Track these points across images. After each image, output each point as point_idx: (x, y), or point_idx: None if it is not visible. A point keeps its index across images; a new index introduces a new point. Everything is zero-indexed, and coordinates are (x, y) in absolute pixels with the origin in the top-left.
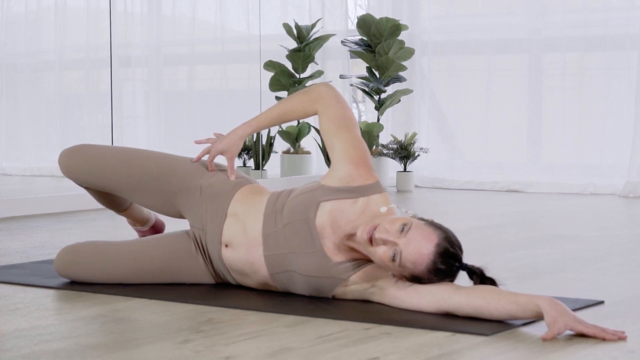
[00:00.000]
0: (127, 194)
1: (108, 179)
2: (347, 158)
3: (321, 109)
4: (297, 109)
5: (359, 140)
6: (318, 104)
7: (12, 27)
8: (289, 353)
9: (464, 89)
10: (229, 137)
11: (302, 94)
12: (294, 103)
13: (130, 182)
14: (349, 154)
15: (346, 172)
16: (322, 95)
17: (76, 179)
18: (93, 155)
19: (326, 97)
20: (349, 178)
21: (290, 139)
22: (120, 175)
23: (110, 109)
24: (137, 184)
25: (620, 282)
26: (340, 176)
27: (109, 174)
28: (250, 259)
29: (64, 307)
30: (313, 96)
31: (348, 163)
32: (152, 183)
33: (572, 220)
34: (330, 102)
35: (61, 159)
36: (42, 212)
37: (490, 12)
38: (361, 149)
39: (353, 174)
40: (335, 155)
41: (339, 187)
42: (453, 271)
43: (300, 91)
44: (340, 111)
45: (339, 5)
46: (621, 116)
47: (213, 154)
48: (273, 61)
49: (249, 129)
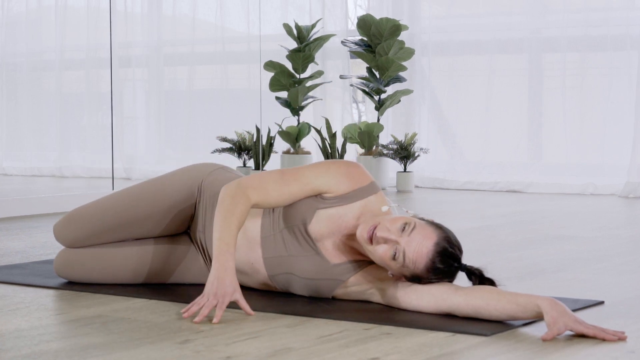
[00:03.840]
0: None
1: (113, 230)
2: (335, 173)
3: (253, 193)
4: (241, 211)
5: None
6: (247, 194)
7: (13, 27)
8: (289, 353)
9: (464, 89)
10: (221, 282)
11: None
12: (235, 213)
13: (134, 222)
14: (338, 171)
15: (337, 184)
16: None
17: (82, 245)
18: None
19: (240, 186)
20: (339, 187)
21: (290, 139)
22: (124, 222)
23: (110, 108)
24: (142, 219)
25: (620, 282)
26: (332, 188)
27: (112, 225)
28: (250, 259)
29: (64, 307)
30: (236, 197)
31: (336, 175)
32: (155, 208)
33: (572, 220)
34: (250, 183)
35: (57, 233)
36: (42, 212)
37: (490, 12)
38: (328, 163)
39: (344, 181)
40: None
41: (335, 197)
42: (452, 271)
43: (224, 204)
44: (259, 177)
45: (339, 5)
46: (621, 116)
47: (223, 307)
48: (273, 61)
49: (231, 260)
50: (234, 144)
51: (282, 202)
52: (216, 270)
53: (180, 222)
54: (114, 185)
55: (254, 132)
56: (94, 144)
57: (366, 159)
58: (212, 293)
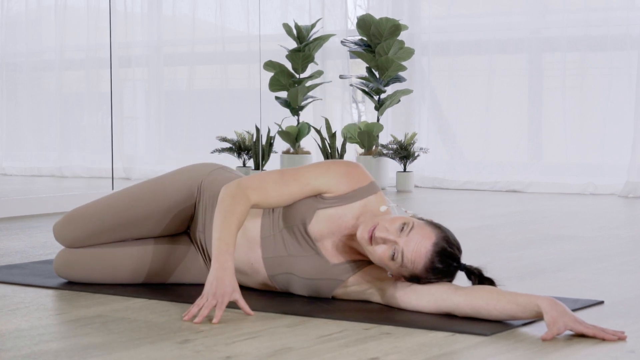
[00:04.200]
0: (136, 232)
1: (113, 230)
2: (334, 174)
3: (253, 194)
4: (241, 211)
5: (315, 165)
6: (246, 194)
7: (13, 27)
8: (289, 353)
9: (464, 89)
10: (221, 282)
11: (227, 204)
12: (235, 213)
13: (134, 222)
14: (337, 171)
15: (336, 184)
16: (235, 191)
17: (82, 245)
18: (86, 216)
19: (240, 186)
20: (339, 187)
21: (290, 139)
22: (123, 221)
23: (110, 108)
24: (141, 219)
25: (620, 282)
26: (332, 188)
27: (111, 225)
28: (250, 259)
29: (64, 307)
30: (236, 197)
31: (335, 175)
32: (154, 208)
33: (572, 220)
34: (249, 183)
35: (57, 233)
36: (42, 212)
37: (490, 12)
38: (328, 164)
39: (343, 181)
40: (320, 186)
41: (335, 197)
42: (451, 271)
43: (223, 204)
44: (259, 177)
45: (338, 5)
46: (621, 116)
47: (222, 307)
48: (273, 61)
49: (230, 260)
50: (233, 144)
51: (282, 203)
52: (215, 270)
53: (180, 222)
54: (113, 185)
55: (253, 132)
56: (94, 144)
57: (366, 158)
58: (212, 293)
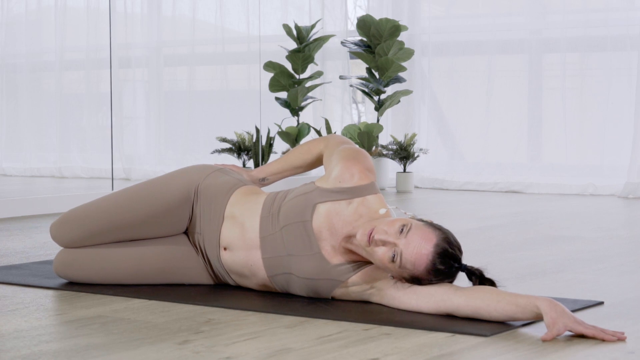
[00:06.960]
0: (133, 234)
1: (109, 231)
2: (342, 158)
3: (325, 144)
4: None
5: (358, 148)
6: (323, 142)
7: (12, 28)
8: (288, 353)
9: (464, 90)
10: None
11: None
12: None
13: (130, 224)
14: (344, 154)
15: (339, 172)
16: (329, 137)
17: (79, 245)
18: (83, 217)
19: (331, 137)
20: (342, 177)
21: (290, 140)
22: (119, 224)
23: (110, 109)
24: (137, 221)
25: (620, 283)
26: (335, 175)
27: (107, 227)
28: (249, 261)
29: (64, 307)
30: (320, 139)
31: (341, 162)
32: (150, 211)
33: (572, 221)
34: (335, 140)
35: (53, 234)
36: (42, 212)
37: (490, 12)
38: (357, 151)
39: (346, 173)
40: (332, 160)
41: (333, 189)
42: (452, 272)
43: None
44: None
45: (338, 6)
46: (621, 117)
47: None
48: (273, 62)
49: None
50: (233, 145)
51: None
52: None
53: (177, 224)
54: (113, 185)
55: (253, 132)
56: (93, 144)
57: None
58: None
